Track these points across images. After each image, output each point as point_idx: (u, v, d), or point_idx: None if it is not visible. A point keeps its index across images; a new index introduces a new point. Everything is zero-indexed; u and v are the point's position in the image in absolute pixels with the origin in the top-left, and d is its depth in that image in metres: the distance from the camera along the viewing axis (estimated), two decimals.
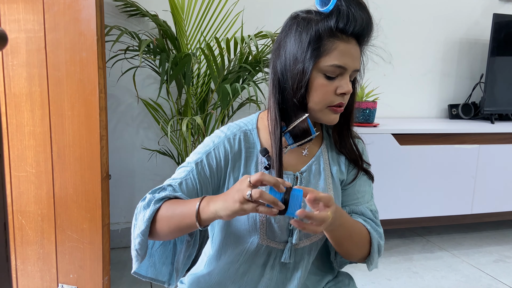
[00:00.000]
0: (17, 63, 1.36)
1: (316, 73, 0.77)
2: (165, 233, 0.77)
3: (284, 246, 0.85)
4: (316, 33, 0.76)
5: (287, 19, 0.83)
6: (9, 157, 1.41)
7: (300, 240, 0.85)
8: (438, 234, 2.51)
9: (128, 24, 2.02)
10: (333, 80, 0.78)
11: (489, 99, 2.46)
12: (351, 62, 0.78)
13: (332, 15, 0.76)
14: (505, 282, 1.94)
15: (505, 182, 2.31)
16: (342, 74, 0.78)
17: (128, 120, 2.12)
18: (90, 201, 1.40)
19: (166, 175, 2.18)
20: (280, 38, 0.82)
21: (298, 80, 0.77)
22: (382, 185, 2.08)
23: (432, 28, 2.59)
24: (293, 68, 0.78)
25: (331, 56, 0.76)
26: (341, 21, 0.75)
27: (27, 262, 1.46)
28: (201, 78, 1.89)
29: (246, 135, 0.86)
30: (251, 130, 0.87)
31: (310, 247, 0.88)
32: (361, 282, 1.89)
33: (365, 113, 2.07)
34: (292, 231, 0.85)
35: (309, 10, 0.81)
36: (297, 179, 0.86)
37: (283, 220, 0.84)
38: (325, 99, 0.79)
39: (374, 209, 0.90)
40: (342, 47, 0.76)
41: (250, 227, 0.83)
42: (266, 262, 0.87)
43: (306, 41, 0.76)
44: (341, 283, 0.96)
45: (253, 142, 0.86)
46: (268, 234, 0.84)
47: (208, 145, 0.85)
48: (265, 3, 2.22)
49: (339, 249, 0.84)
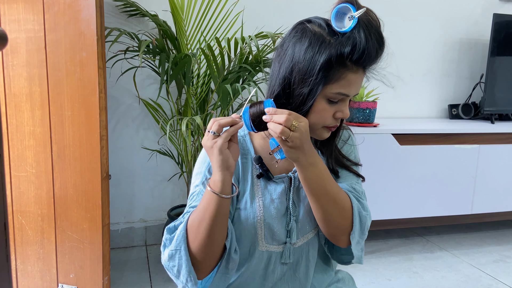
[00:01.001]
0: (17, 63, 1.36)
1: (320, 98, 0.76)
2: (203, 238, 0.76)
3: (283, 247, 0.86)
4: (328, 59, 0.73)
5: (298, 26, 0.79)
6: (9, 157, 1.40)
7: (298, 238, 0.87)
8: (438, 234, 2.51)
9: (128, 24, 2.02)
10: (334, 105, 0.78)
11: (489, 99, 2.45)
12: (355, 90, 0.77)
13: (348, 40, 0.72)
14: (505, 282, 1.94)
15: (505, 182, 2.31)
16: (343, 100, 0.78)
17: (128, 120, 2.12)
18: (90, 201, 1.40)
19: (166, 175, 2.19)
20: (287, 46, 0.78)
21: (301, 102, 0.76)
22: (382, 185, 2.08)
23: (432, 28, 2.59)
24: (299, 87, 0.76)
25: (339, 84, 0.75)
26: (356, 53, 0.72)
27: (27, 262, 1.46)
28: (201, 78, 1.89)
29: (239, 142, 0.85)
30: (244, 136, 0.87)
31: (308, 244, 0.89)
32: (361, 282, 1.89)
33: (365, 113, 2.07)
34: (289, 232, 0.86)
35: (320, 24, 0.76)
36: (290, 179, 0.86)
37: (280, 223, 0.85)
38: (323, 122, 0.79)
39: (358, 188, 0.87)
40: (350, 77, 0.75)
41: (249, 236, 0.84)
42: (267, 266, 0.87)
43: (317, 66, 0.73)
44: (341, 283, 0.97)
45: (247, 148, 0.86)
46: (267, 239, 0.85)
47: (205, 160, 0.84)
48: (265, 3, 2.22)
49: (319, 214, 0.81)
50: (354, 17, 0.71)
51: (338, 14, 0.74)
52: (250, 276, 0.87)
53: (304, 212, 0.87)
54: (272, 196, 0.85)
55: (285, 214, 0.86)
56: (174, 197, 2.23)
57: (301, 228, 0.87)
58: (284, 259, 0.86)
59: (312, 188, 0.78)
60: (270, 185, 0.85)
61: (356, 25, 0.71)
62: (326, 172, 0.79)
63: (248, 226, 0.84)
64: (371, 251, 2.22)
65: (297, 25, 0.79)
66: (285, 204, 0.86)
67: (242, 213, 0.84)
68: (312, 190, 0.79)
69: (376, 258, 2.15)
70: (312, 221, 0.88)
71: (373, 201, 0.94)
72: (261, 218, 0.84)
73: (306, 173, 0.77)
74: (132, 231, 2.21)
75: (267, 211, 0.84)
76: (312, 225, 0.88)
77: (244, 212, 0.84)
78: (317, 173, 0.77)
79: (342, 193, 0.81)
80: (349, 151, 0.92)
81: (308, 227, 0.88)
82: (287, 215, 0.86)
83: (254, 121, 0.76)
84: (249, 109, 0.76)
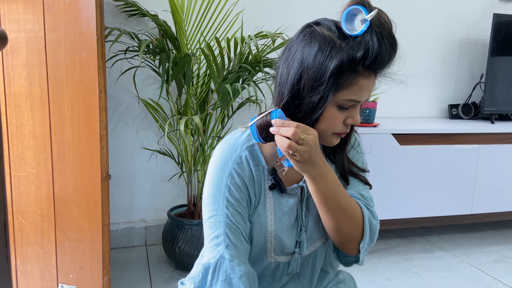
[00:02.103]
0: (17, 63, 1.36)
1: (330, 105, 0.73)
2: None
3: (291, 257, 0.85)
4: (339, 65, 0.69)
5: (306, 29, 0.75)
6: (9, 157, 1.41)
7: (307, 248, 0.85)
8: (438, 234, 2.51)
9: (128, 24, 2.02)
10: (344, 111, 0.75)
11: (489, 99, 2.46)
12: (366, 96, 0.74)
13: (359, 45, 0.69)
14: (505, 282, 1.94)
15: (505, 182, 2.31)
16: (354, 106, 0.75)
17: (128, 120, 2.12)
18: (90, 201, 1.40)
19: (166, 175, 2.19)
20: (295, 50, 0.74)
21: (311, 110, 0.73)
22: (382, 185, 2.08)
23: (432, 28, 2.59)
24: (309, 94, 0.73)
25: (350, 90, 0.72)
26: (368, 59, 0.69)
27: (27, 262, 1.46)
28: (201, 78, 1.89)
29: (251, 153, 0.81)
30: (253, 146, 0.82)
31: (315, 252, 0.88)
32: (361, 282, 1.89)
33: (365, 113, 2.07)
34: (299, 243, 0.84)
35: (330, 27, 0.73)
36: (302, 189, 0.84)
37: (290, 235, 0.83)
38: (333, 129, 0.76)
39: (366, 194, 0.85)
40: (362, 82, 0.72)
41: (258, 249, 0.82)
42: (273, 274, 0.86)
43: (328, 71, 0.70)
44: (341, 283, 0.97)
45: (257, 158, 0.81)
46: (276, 252, 0.83)
47: (222, 181, 0.78)
48: (265, 3, 2.22)
49: (330, 225, 0.79)
50: (366, 20, 0.68)
51: (348, 16, 0.70)
52: (260, 284, 0.86)
53: (313, 222, 0.85)
54: (284, 209, 0.82)
55: (295, 225, 0.84)
56: (174, 197, 2.23)
57: (310, 237, 0.85)
58: (291, 269, 0.85)
59: (323, 199, 0.76)
60: (283, 198, 0.83)
61: (368, 29, 0.68)
62: (337, 182, 0.77)
63: (259, 239, 0.81)
64: (371, 251, 2.22)
65: (305, 27, 0.75)
66: (295, 214, 0.84)
67: (253, 226, 0.81)
68: (323, 202, 0.76)
69: (376, 258, 2.15)
70: (320, 230, 0.86)
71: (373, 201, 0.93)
72: (271, 232, 0.81)
73: (316, 185, 0.75)
74: (132, 231, 2.21)
75: (278, 224, 0.82)
76: (320, 234, 0.87)
77: (255, 226, 0.81)
78: (328, 185, 0.75)
79: (353, 202, 0.80)
80: (356, 156, 0.90)
81: (316, 236, 0.86)
82: (297, 226, 0.84)
83: (261, 133, 0.73)
84: (256, 121, 0.74)
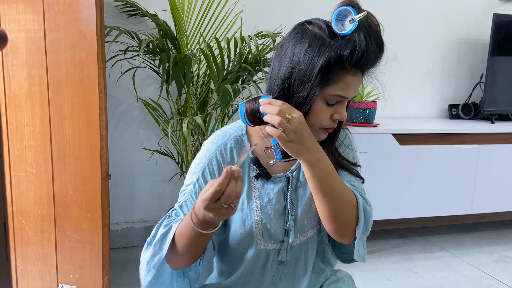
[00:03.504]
0: (17, 63, 1.36)
1: (318, 99, 0.77)
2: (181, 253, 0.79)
3: (280, 245, 0.87)
4: (327, 61, 0.73)
5: (298, 27, 0.79)
6: (9, 157, 1.41)
7: (296, 237, 0.87)
8: (438, 234, 2.51)
9: (128, 24, 2.02)
10: (332, 106, 0.78)
11: (489, 99, 2.46)
12: (353, 93, 0.78)
13: (347, 43, 0.72)
14: (505, 282, 1.94)
15: (505, 182, 2.31)
16: (341, 102, 0.79)
17: (128, 120, 2.12)
18: (90, 201, 1.40)
19: (166, 175, 2.19)
20: (287, 46, 0.78)
21: (300, 103, 0.76)
22: (382, 185, 2.08)
23: (432, 28, 2.59)
24: (299, 88, 0.76)
25: (337, 86, 0.75)
26: (355, 56, 0.73)
27: (27, 262, 1.46)
28: (201, 78, 1.89)
29: (237, 142, 0.86)
30: (241, 136, 0.87)
31: (306, 242, 0.89)
32: (361, 282, 1.89)
33: (365, 113, 2.07)
34: (287, 231, 0.86)
35: (321, 25, 0.77)
36: (288, 179, 0.87)
37: (277, 223, 0.85)
38: (321, 123, 0.79)
39: (357, 185, 0.87)
40: (349, 79, 0.75)
41: (247, 236, 0.85)
42: (265, 263, 0.88)
43: (316, 67, 0.74)
44: (340, 282, 0.97)
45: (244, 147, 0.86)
46: (265, 238, 0.85)
47: (201, 161, 0.85)
48: (265, 3, 2.22)
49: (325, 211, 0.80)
50: (355, 20, 0.72)
51: (339, 17, 0.74)
52: (249, 273, 0.88)
53: (303, 211, 0.87)
54: (269, 196, 0.85)
55: (283, 214, 0.86)
56: (174, 197, 2.23)
57: (300, 227, 0.87)
58: (281, 257, 0.87)
59: (319, 185, 0.77)
60: (268, 185, 0.86)
61: (357, 28, 0.72)
62: (332, 168, 0.79)
63: (246, 227, 0.84)
64: (371, 251, 2.22)
65: (298, 26, 0.79)
66: (282, 203, 0.86)
67: (239, 214, 0.84)
68: (318, 187, 0.78)
69: (376, 258, 2.15)
70: (311, 220, 0.88)
71: (373, 201, 0.93)
72: (258, 219, 0.84)
73: (312, 170, 0.76)
74: (132, 231, 2.21)
75: (264, 211, 0.84)
76: (312, 224, 0.89)
77: (242, 213, 0.84)
78: (324, 170, 0.77)
79: (348, 189, 0.81)
80: (347, 151, 0.92)
81: (307, 226, 0.88)
82: (285, 215, 0.86)
83: (249, 116, 0.77)
84: (245, 103, 0.78)
